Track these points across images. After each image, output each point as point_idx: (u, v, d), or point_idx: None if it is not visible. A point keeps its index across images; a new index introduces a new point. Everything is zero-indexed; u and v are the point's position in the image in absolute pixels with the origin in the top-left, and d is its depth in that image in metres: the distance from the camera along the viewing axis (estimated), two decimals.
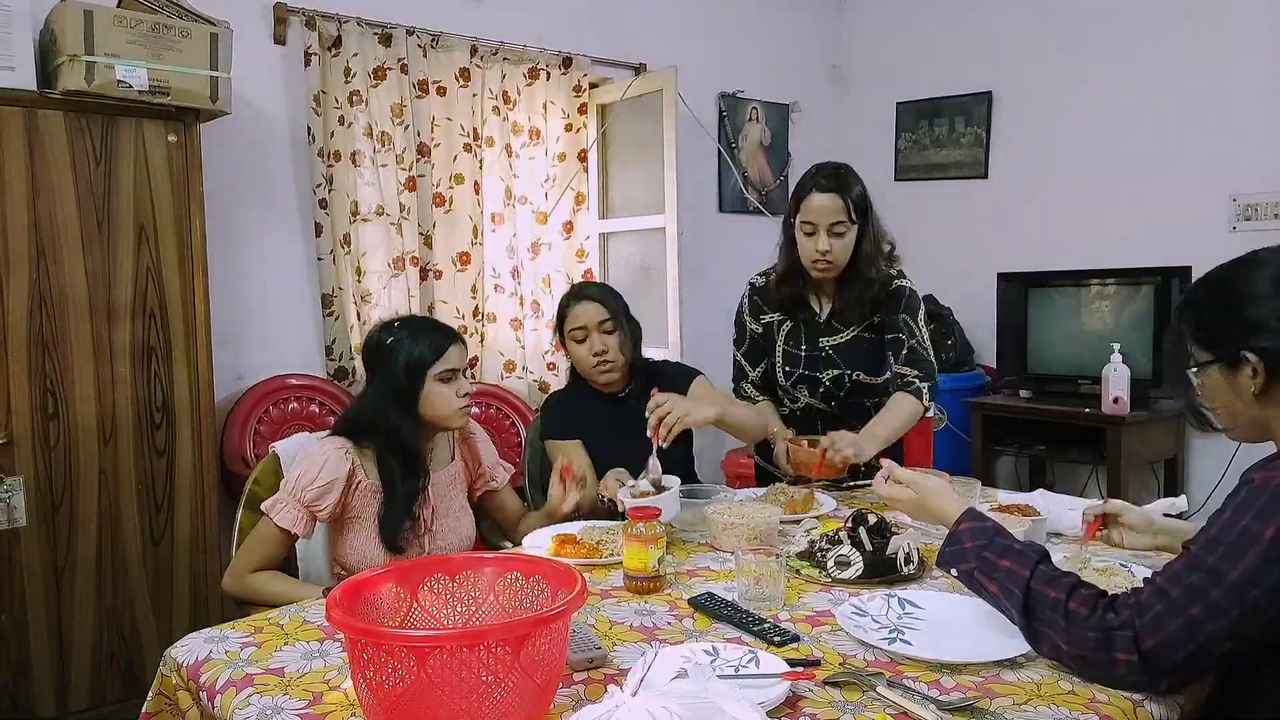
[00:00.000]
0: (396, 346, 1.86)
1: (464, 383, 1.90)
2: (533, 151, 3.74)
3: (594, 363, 2.23)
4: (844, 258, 2.21)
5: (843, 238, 2.18)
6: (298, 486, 1.78)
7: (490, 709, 1.00)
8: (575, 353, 2.26)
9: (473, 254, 3.52)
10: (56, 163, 2.40)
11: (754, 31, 4.52)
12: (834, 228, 2.17)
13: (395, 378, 1.84)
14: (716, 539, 1.82)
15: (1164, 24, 3.79)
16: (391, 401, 1.85)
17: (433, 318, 1.95)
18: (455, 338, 1.92)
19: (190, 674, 1.30)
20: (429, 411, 1.87)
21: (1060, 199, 4.10)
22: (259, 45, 3.08)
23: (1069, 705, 1.14)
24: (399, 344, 1.86)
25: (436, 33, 3.40)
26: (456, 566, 1.25)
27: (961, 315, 4.25)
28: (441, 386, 1.86)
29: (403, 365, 1.84)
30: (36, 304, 2.39)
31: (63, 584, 2.46)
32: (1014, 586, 1.23)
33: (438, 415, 1.87)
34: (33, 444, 2.40)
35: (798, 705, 1.15)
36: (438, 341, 1.87)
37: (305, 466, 1.80)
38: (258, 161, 3.14)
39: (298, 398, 3.11)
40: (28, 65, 2.37)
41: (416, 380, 1.85)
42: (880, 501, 1.61)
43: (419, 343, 1.86)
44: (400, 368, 1.84)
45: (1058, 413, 3.65)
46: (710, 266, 4.22)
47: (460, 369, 1.90)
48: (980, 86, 4.35)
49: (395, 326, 1.91)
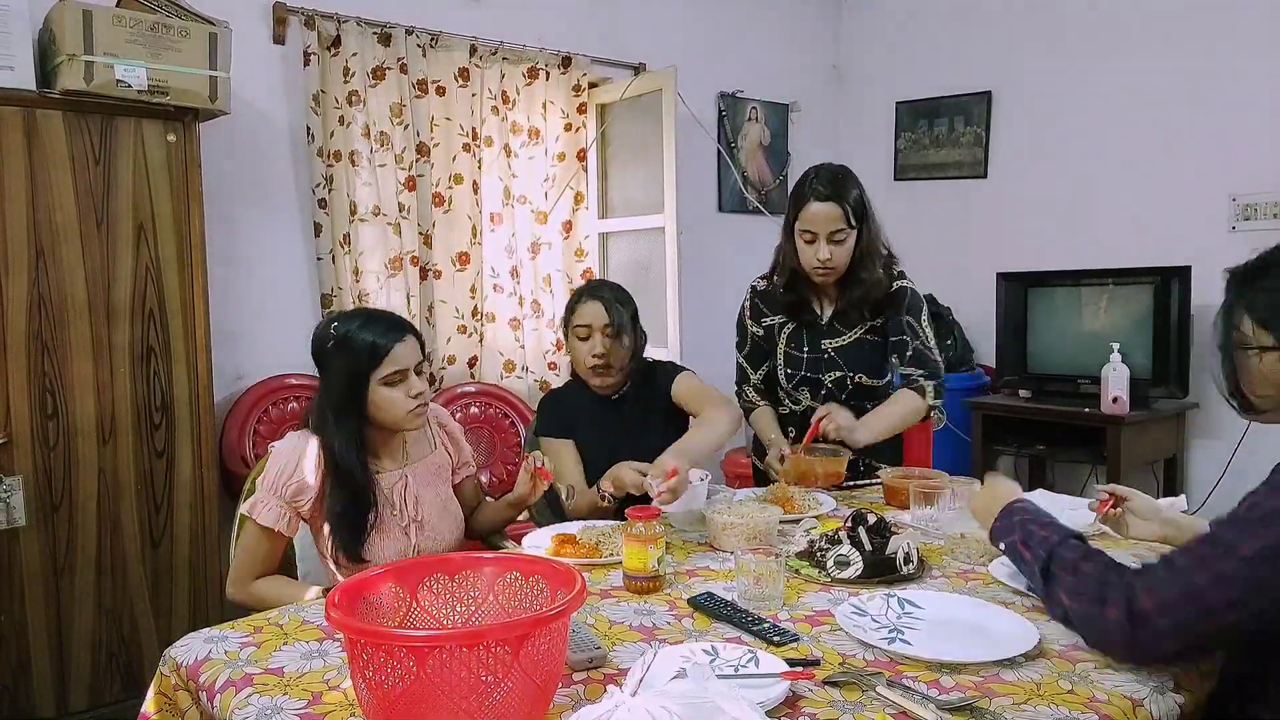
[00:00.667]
0: (338, 347, 1.73)
1: (414, 382, 1.76)
2: (532, 151, 3.74)
3: (591, 363, 2.23)
4: (845, 262, 2.22)
5: (843, 244, 2.19)
6: (277, 483, 1.72)
7: (490, 709, 1.00)
8: (575, 349, 2.26)
9: (472, 254, 3.52)
10: (55, 162, 2.40)
11: (753, 31, 4.52)
12: (833, 235, 2.17)
13: (335, 386, 1.74)
14: (716, 539, 1.82)
15: (1164, 24, 3.79)
16: (331, 410, 1.74)
17: (381, 312, 1.85)
18: (402, 334, 1.76)
19: (189, 674, 1.30)
20: (379, 415, 1.76)
21: (1060, 199, 4.10)
22: (258, 45, 3.08)
23: (1069, 705, 1.14)
24: (338, 346, 1.73)
25: (436, 32, 3.40)
26: (456, 566, 1.25)
27: (961, 315, 4.25)
28: (389, 390, 1.74)
29: (343, 373, 1.72)
30: (36, 304, 2.39)
31: (62, 584, 2.46)
32: (1041, 549, 1.28)
33: (388, 420, 1.77)
34: (32, 444, 2.40)
35: (797, 705, 1.15)
36: (378, 345, 1.72)
37: (283, 462, 1.74)
38: (257, 161, 3.14)
39: (297, 398, 3.11)
40: (27, 65, 2.37)
41: (359, 388, 1.73)
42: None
43: (357, 347, 1.72)
44: (340, 376, 1.73)
45: (1057, 412, 3.65)
46: (710, 266, 4.22)
47: (409, 367, 1.76)
48: (980, 86, 4.35)
49: (334, 326, 1.76)
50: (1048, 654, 1.28)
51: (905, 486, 1.99)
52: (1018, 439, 3.84)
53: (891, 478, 2.16)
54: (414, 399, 1.76)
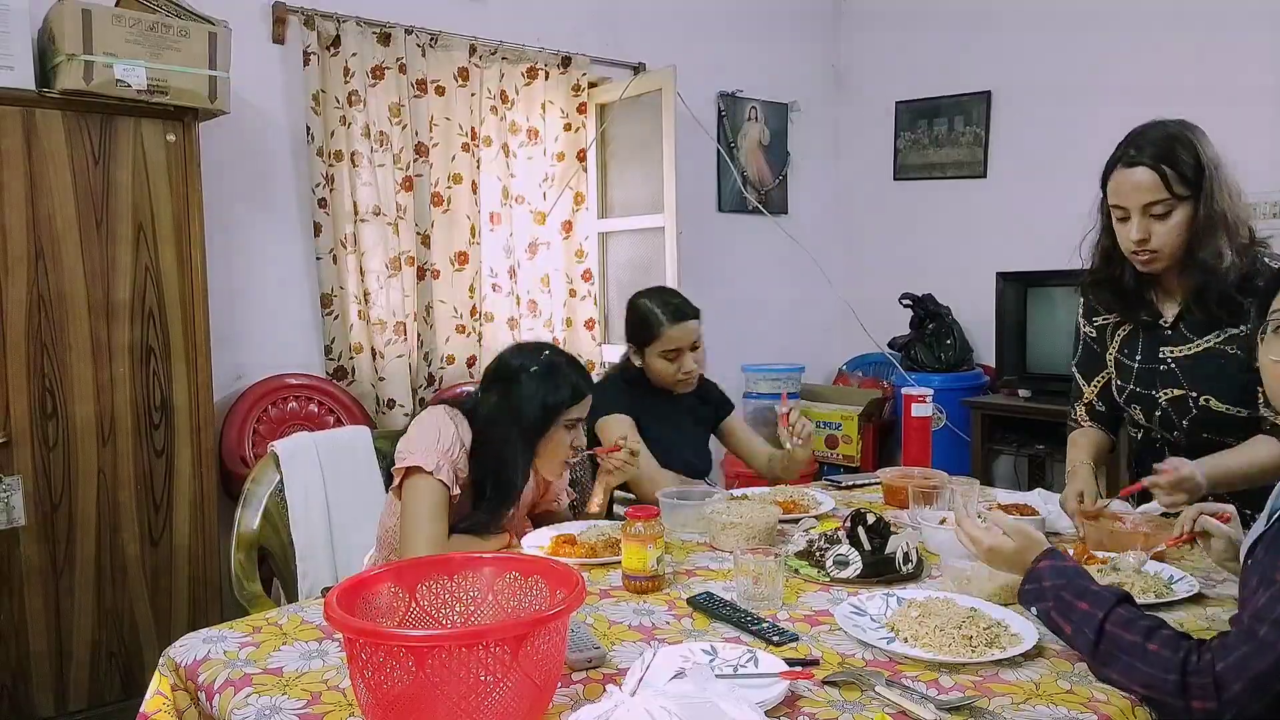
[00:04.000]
0: (539, 376, 1.79)
1: (580, 435, 1.85)
2: (531, 151, 3.74)
3: (680, 379, 2.25)
4: (1174, 244, 1.71)
5: (1166, 219, 1.69)
6: (441, 445, 1.73)
7: (489, 709, 1.00)
8: (661, 368, 2.24)
9: (470, 254, 3.52)
10: (55, 162, 2.40)
11: (753, 31, 4.52)
12: (1150, 209, 1.69)
13: (532, 404, 1.78)
14: (715, 539, 1.82)
15: (1163, 23, 3.79)
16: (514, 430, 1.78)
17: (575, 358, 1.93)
18: (590, 388, 1.86)
19: (188, 674, 1.30)
20: (543, 449, 1.82)
21: (1059, 198, 4.08)
22: (258, 45, 3.08)
23: (1068, 704, 1.14)
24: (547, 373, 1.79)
25: (435, 32, 3.40)
26: (455, 566, 1.25)
27: (961, 315, 4.24)
28: (563, 433, 1.82)
29: (539, 399, 1.77)
30: (35, 304, 2.39)
31: (62, 584, 2.46)
32: (1087, 628, 1.16)
33: (543, 460, 1.84)
34: (32, 444, 2.39)
35: (796, 705, 1.15)
36: (580, 388, 1.81)
37: (438, 430, 1.75)
38: (257, 161, 3.14)
39: (297, 397, 3.11)
40: (26, 64, 2.36)
41: (550, 418, 1.79)
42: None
43: (563, 382, 1.80)
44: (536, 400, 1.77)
45: (1057, 412, 3.63)
46: (709, 266, 4.22)
47: (582, 419, 1.85)
48: (979, 86, 4.35)
49: (545, 354, 1.84)
50: (1047, 654, 1.28)
51: (905, 486, 1.99)
52: (1017, 438, 3.84)
53: (891, 478, 2.16)
54: (573, 450, 1.85)
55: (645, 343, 2.25)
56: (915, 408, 2.83)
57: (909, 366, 4.17)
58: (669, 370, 2.24)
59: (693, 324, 2.24)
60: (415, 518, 1.72)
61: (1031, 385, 3.80)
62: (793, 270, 4.53)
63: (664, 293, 2.34)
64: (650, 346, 2.24)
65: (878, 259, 4.68)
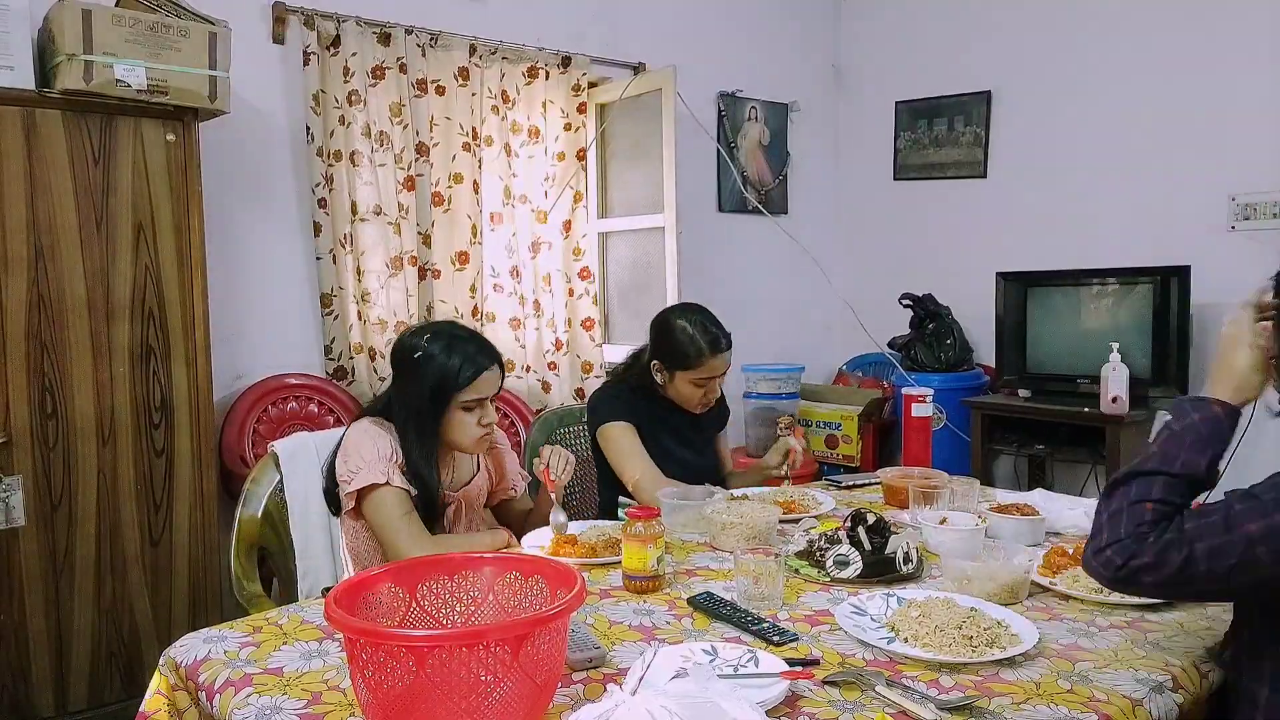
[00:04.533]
0: (425, 361, 1.75)
1: (489, 411, 1.81)
2: (532, 151, 3.74)
3: (704, 402, 2.25)
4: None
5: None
6: (381, 454, 1.72)
7: (489, 709, 1.00)
8: (689, 394, 2.23)
9: (471, 253, 3.52)
10: (55, 162, 2.40)
11: (753, 31, 4.52)
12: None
13: (418, 395, 1.76)
14: (715, 539, 1.82)
15: (1163, 23, 3.79)
16: (411, 417, 1.77)
17: (471, 334, 1.86)
18: (490, 362, 1.80)
19: (189, 674, 1.30)
20: (446, 435, 1.80)
21: (1059, 198, 4.10)
22: (257, 44, 3.08)
23: (1068, 704, 1.14)
24: (429, 358, 1.75)
25: (435, 32, 3.40)
26: (455, 566, 1.25)
27: (961, 315, 4.24)
28: (464, 415, 1.78)
29: (428, 385, 1.74)
30: (35, 303, 2.39)
31: (62, 583, 2.45)
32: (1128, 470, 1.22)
33: (453, 441, 1.82)
34: (31, 443, 2.39)
35: (797, 705, 1.15)
36: (467, 368, 1.75)
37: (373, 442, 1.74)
38: (256, 161, 3.14)
39: (296, 397, 3.11)
40: (26, 64, 2.36)
41: (440, 403, 1.76)
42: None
43: (447, 365, 1.75)
44: (425, 386, 1.74)
45: (1057, 412, 3.65)
46: (709, 266, 4.22)
47: (489, 397, 1.80)
48: (979, 86, 4.35)
49: (428, 337, 1.79)
50: (1047, 653, 1.28)
51: (905, 486, 1.99)
52: (1017, 438, 3.84)
53: (891, 478, 2.16)
54: (483, 427, 1.80)
55: (679, 367, 2.21)
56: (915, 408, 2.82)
57: (909, 366, 4.17)
58: (694, 395, 2.22)
59: (729, 355, 2.22)
60: (391, 525, 1.72)
61: (1031, 385, 3.80)
62: (793, 270, 4.53)
63: (703, 316, 2.25)
64: (684, 372, 2.21)
65: (878, 259, 4.69)
